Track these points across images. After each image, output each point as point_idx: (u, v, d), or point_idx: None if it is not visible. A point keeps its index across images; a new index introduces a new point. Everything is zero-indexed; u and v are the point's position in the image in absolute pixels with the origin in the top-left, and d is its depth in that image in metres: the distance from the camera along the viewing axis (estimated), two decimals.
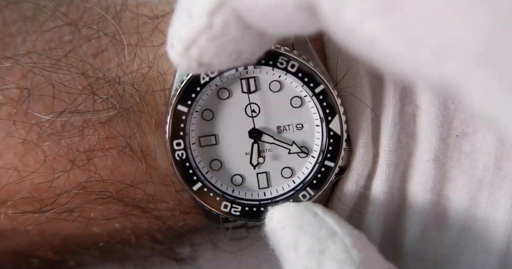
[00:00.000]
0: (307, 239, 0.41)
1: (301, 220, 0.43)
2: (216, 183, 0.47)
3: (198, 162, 0.47)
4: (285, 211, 0.44)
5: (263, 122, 0.47)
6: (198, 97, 0.45)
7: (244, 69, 0.45)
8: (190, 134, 0.46)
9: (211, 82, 0.45)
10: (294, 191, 0.48)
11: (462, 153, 0.46)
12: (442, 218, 0.48)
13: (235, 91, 0.46)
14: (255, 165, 0.48)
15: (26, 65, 0.44)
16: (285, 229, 0.42)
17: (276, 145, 0.47)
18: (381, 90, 0.47)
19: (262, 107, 0.47)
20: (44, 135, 0.44)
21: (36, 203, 0.45)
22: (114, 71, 0.46)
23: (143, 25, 0.47)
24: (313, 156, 0.48)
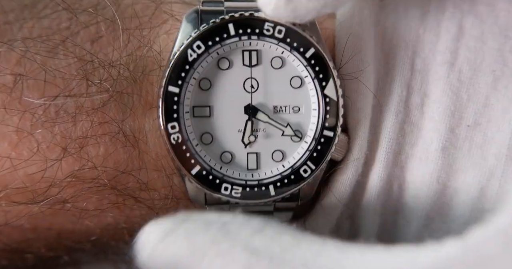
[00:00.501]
0: (202, 236, 0.38)
1: (184, 229, 0.39)
2: (205, 157, 0.45)
3: (189, 133, 0.45)
4: (161, 228, 0.39)
5: (260, 99, 0.46)
6: (197, 63, 0.44)
7: (248, 40, 0.44)
8: (185, 102, 0.44)
9: (211, 49, 0.44)
10: (281, 176, 0.46)
11: (473, 144, 0.46)
12: (448, 209, 0.47)
13: (236, 63, 0.45)
14: (247, 143, 0.46)
15: (20, 50, 0.44)
16: (172, 243, 0.38)
17: (270, 125, 0.46)
18: (387, 78, 0.46)
19: (261, 83, 0.46)
20: (37, 123, 0.43)
21: (29, 193, 0.44)
22: (110, 55, 0.45)
23: (145, 9, 0.47)
24: (306, 142, 0.46)
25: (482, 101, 0.45)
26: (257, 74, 0.45)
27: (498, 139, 0.45)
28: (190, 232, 0.38)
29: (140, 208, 0.46)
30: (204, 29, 0.44)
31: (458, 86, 0.45)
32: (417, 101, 0.46)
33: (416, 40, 0.46)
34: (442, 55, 0.45)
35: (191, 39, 0.44)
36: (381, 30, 0.46)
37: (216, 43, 0.44)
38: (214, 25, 0.44)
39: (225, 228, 0.38)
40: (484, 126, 0.46)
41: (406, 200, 0.48)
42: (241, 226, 0.39)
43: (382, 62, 0.47)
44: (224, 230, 0.38)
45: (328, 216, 0.48)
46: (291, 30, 0.44)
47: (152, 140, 0.45)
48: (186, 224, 0.39)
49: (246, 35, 0.44)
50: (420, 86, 0.46)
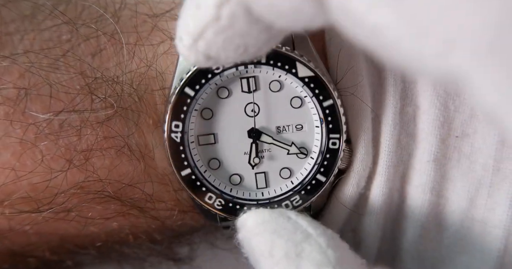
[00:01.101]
0: (283, 243, 0.40)
1: (276, 225, 0.43)
2: (214, 182, 0.47)
3: (197, 161, 0.47)
4: (258, 217, 0.43)
5: (262, 122, 0.47)
6: (198, 96, 0.45)
7: (245, 68, 0.45)
8: (189, 132, 0.46)
9: (211, 80, 0.45)
10: (292, 192, 0.47)
11: (461, 154, 0.46)
12: (441, 219, 0.48)
13: (235, 90, 0.46)
14: (254, 165, 0.47)
15: (24, 64, 0.44)
16: (259, 235, 0.42)
17: (275, 145, 0.47)
18: (382, 90, 0.47)
19: (261, 107, 0.46)
20: (41, 135, 0.44)
21: (33, 202, 0.45)
22: (112, 70, 0.45)
23: (142, 23, 0.47)
24: (312, 157, 0.47)
25: (468, 112, 0.45)
26: (257, 98, 0.46)
27: (485, 150, 0.46)
28: (276, 231, 0.42)
29: (145, 217, 0.48)
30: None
31: (445, 97, 0.45)
32: (410, 113, 0.47)
33: None
34: None
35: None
36: None
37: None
38: None
39: (303, 245, 0.41)
40: (472, 137, 0.46)
41: (403, 210, 0.49)
42: (315, 251, 0.40)
43: (376, 74, 0.47)
44: (301, 247, 0.40)
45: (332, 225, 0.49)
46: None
47: (159, 156, 0.46)
48: (279, 220, 0.43)
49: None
50: (411, 98, 0.46)
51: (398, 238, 0.50)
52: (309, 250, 0.40)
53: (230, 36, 0.34)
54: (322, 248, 0.40)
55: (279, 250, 0.40)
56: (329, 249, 0.40)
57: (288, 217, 0.43)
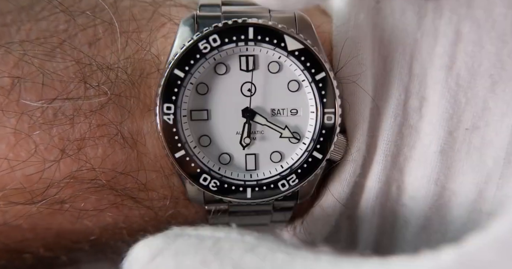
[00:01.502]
0: (192, 257, 0.38)
1: (175, 247, 0.39)
2: (203, 159, 0.47)
3: (187, 136, 0.46)
4: (151, 248, 0.39)
5: (257, 103, 0.46)
6: (193, 70, 0.45)
7: (245, 46, 0.45)
8: (182, 106, 0.45)
9: (208, 55, 0.45)
10: (280, 176, 0.47)
11: (471, 147, 0.46)
12: (446, 211, 0.48)
13: (233, 68, 0.46)
14: (245, 145, 0.47)
15: (18, 53, 0.44)
16: (159, 267, 0.38)
17: (268, 128, 0.47)
18: (385, 81, 0.47)
19: (258, 87, 0.46)
20: (35, 125, 0.44)
21: (27, 193, 0.45)
22: (108, 58, 0.45)
23: (142, 11, 0.47)
24: (304, 143, 0.47)
25: (480, 104, 0.45)
26: (254, 78, 0.46)
27: (497, 143, 0.46)
28: (180, 252, 0.38)
29: (139, 208, 0.47)
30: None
31: (456, 89, 0.45)
32: (416, 104, 0.46)
33: (414, 44, 0.46)
34: (440, 59, 0.45)
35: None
36: (379, 33, 0.46)
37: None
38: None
39: (217, 246, 0.39)
40: (483, 129, 0.46)
41: (404, 202, 0.48)
42: (234, 243, 0.39)
43: (380, 66, 0.47)
44: (216, 248, 0.38)
45: (327, 216, 0.49)
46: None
47: (150, 142, 0.46)
48: (178, 242, 0.39)
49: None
50: (418, 90, 0.46)
51: (399, 229, 0.50)
52: (227, 246, 0.38)
53: None
54: (238, 239, 0.39)
55: (190, 264, 0.37)
56: (246, 236, 0.40)
57: (187, 235, 0.40)
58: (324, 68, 0.45)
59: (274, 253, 0.38)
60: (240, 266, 0.37)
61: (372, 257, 0.37)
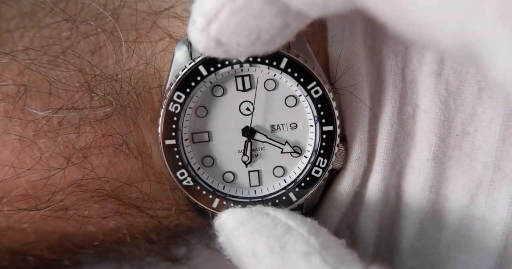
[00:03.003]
0: (265, 240, 0.41)
1: (255, 223, 0.42)
2: (207, 179, 0.47)
3: (190, 158, 0.47)
4: (236, 218, 0.43)
5: (257, 120, 0.47)
6: (192, 93, 0.45)
7: (240, 67, 0.45)
8: (183, 130, 0.46)
9: (206, 78, 0.45)
10: (285, 190, 0.48)
11: (462, 153, 0.47)
12: (440, 216, 0.48)
13: (230, 89, 0.46)
14: (247, 163, 0.48)
15: (23, 61, 0.44)
16: (240, 237, 0.42)
17: (269, 144, 0.47)
18: (381, 90, 0.47)
19: (256, 106, 0.47)
20: (40, 132, 0.44)
21: (32, 200, 0.45)
22: (111, 68, 0.46)
23: (142, 21, 0.47)
24: (306, 156, 0.48)
25: (469, 110, 0.46)
26: (251, 97, 0.46)
27: (485, 149, 0.46)
28: (257, 230, 0.42)
29: (142, 216, 0.48)
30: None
31: (446, 96, 0.46)
32: (409, 112, 0.47)
33: (405, 51, 0.46)
34: (429, 65, 0.46)
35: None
36: (370, 41, 0.47)
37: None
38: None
39: (285, 237, 0.41)
40: (472, 135, 0.46)
41: (401, 208, 0.49)
42: (299, 241, 0.41)
43: (375, 74, 0.47)
44: (284, 240, 0.41)
45: (327, 225, 0.49)
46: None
47: (156, 154, 0.47)
48: (257, 219, 0.43)
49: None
50: (411, 97, 0.47)
51: (396, 236, 0.50)
52: (292, 242, 0.41)
53: (244, 18, 0.35)
54: (304, 237, 0.41)
55: (262, 248, 0.40)
56: (312, 237, 0.41)
57: (266, 214, 0.43)
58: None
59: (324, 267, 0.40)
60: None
61: None
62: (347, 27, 0.47)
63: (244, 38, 0.36)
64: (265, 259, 0.40)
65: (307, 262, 0.40)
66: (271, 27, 0.36)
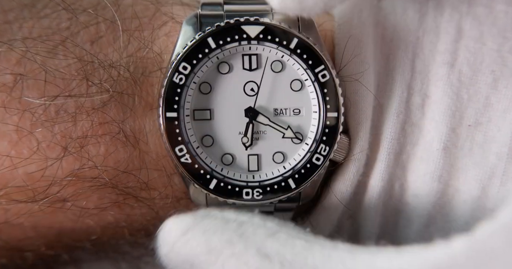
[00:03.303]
0: (219, 235, 0.40)
1: (203, 225, 0.41)
2: (206, 159, 0.46)
3: (190, 136, 0.46)
4: (182, 224, 0.41)
5: (260, 102, 0.46)
6: (198, 67, 0.45)
7: (248, 45, 0.45)
8: (185, 105, 0.45)
9: (213, 53, 0.44)
10: (282, 177, 0.47)
11: (474, 143, 0.46)
12: (449, 208, 0.48)
13: (236, 67, 0.46)
14: (248, 145, 0.46)
15: (20, 50, 0.44)
16: (190, 240, 0.40)
17: (270, 128, 0.47)
18: (388, 79, 0.47)
19: (261, 87, 0.46)
20: (37, 122, 0.44)
21: (29, 191, 0.45)
22: (110, 56, 0.45)
23: (144, 10, 0.47)
24: (307, 143, 0.47)
25: (482, 101, 0.46)
26: (257, 77, 0.46)
27: (499, 139, 0.46)
28: (208, 230, 0.40)
29: (140, 207, 0.47)
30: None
31: (458, 86, 0.46)
32: (418, 102, 0.47)
33: (416, 41, 0.46)
34: (442, 56, 0.46)
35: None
36: (381, 31, 0.47)
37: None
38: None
39: (241, 228, 0.40)
40: (485, 125, 0.46)
41: (407, 200, 0.48)
42: (257, 227, 0.40)
43: (382, 63, 0.47)
44: (240, 230, 0.40)
45: (329, 215, 0.49)
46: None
47: (152, 141, 0.46)
48: (205, 221, 0.41)
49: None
50: (420, 87, 0.46)
51: (402, 228, 0.49)
52: (250, 230, 0.40)
53: None
54: (260, 224, 0.41)
55: (218, 242, 0.39)
56: (267, 222, 0.41)
57: (213, 216, 0.42)
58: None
59: (294, 239, 0.39)
60: (262, 249, 0.39)
61: (387, 247, 0.38)
62: (356, 15, 0.47)
63: None
64: (223, 250, 0.39)
65: (274, 239, 0.39)
66: None
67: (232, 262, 0.39)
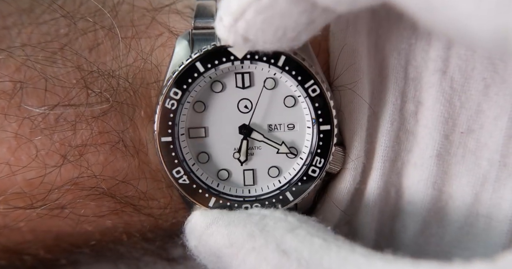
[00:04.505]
0: (241, 228, 0.42)
1: (228, 218, 0.44)
2: (202, 176, 0.47)
3: (186, 154, 0.46)
4: (207, 217, 0.44)
5: (254, 119, 0.47)
6: (191, 88, 0.45)
7: (240, 64, 0.45)
8: (180, 124, 0.46)
9: (205, 74, 0.45)
10: (279, 191, 0.47)
11: (467, 150, 0.47)
12: (444, 214, 0.48)
13: (229, 85, 0.46)
14: (243, 161, 0.47)
15: (20, 57, 0.44)
16: (214, 233, 0.42)
17: (265, 143, 0.47)
18: (382, 87, 0.47)
19: (254, 104, 0.47)
20: (36, 130, 0.44)
21: (28, 198, 0.45)
22: (109, 64, 0.45)
23: (141, 17, 0.47)
24: (302, 158, 0.47)
25: (474, 107, 0.46)
26: (250, 95, 0.46)
27: (491, 145, 0.46)
28: (231, 223, 0.43)
29: (139, 215, 0.48)
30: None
31: (450, 93, 0.46)
32: (412, 109, 0.47)
33: (408, 48, 0.46)
34: (434, 63, 0.46)
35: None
36: (374, 38, 0.47)
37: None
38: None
39: (263, 222, 0.42)
40: (477, 132, 0.46)
41: (402, 206, 0.49)
42: (278, 221, 0.43)
43: (376, 71, 0.47)
44: (262, 224, 0.42)
45: (326, 222, 0.49)
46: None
47: (152, 151, 0.46)
48: (229, 214, 0.44)
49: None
50: (413, 94, 0.47)
51: (397, 233, 0.50)
52: (271, 223, 0.42)
53: (270, 17, 0.36)
54: (282, 218, 0.43)
55: (240, 235, 0.41)
56: (289, 216, 0.43)
57: (238, 211, 0.45)
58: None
59: (312, 237, 0.41)
60: (281, 245, 0.40)
61: (404, 257, 0.39)
62: (351, 23, 0.47)
63: (270, 35, 0.37)
64: (245, 244, 0.40)
65: (294, 235, 0.41)
66: (297, 24, 0.37)
67: (252, 256, 0.40)
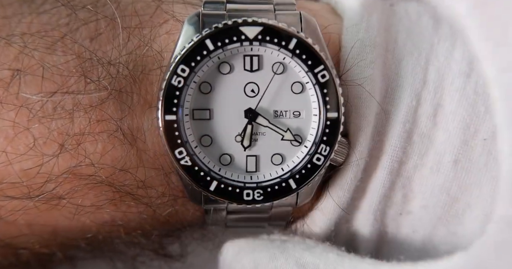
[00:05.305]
0: (264, 253, 0.45)
1: (253, 244, 0.47)
2: (204, 159, 0.46)
3: (189, 135, 0.46)
4: (235, 246, 0.48)
5: (260, 104, 0.46)
6: (198, 68, 0.44)
7: (249, 45, 0.44)
8: (185, 104, 0.45)
9: (213, 53, 0.44)
10: (280, 179, 0.46)
11: (490, 158, 0.45)
12: (458, 222, 0.47)
13: (237, 67, 0.46)
14: (246, 146, 0.46)
15: (18, 45, 0.44)
16: (242, 259, 0.46)
17: (270, 129, 0.46)
18: (397, 86, 0.46)
19: (261, 88, 0.46)
20: (34, 118, 0.44)
21: (25, 188, 0.45)
22: (109, 53, 0.45)
23: (146, 7, 0.47)
24: (306, 146, 0.46)
25: None
26: (258, 79, 0.46)
27: None
28: (255, 249, 0.46)
29: (137, 205, 0.47)
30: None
31: (474, 98, 0.45)
32: (429, 111, 0.46)
33: (430, 48, 0.45)
34: (458, 65, 0.44)
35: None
36: (394, 35, 0.46)
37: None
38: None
39: (283, 245, 0.46)
40: None
41: (412, 210, 0.48)
42: (296, 244, 0.46)
43: (393, 69, 0.46)
44: (283, 247, 0.46)
45: (327, 220, 0.48)
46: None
47: (150, 139, 0.46)
48: (255, 242, 0.48)
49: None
50: (433, 96, 0.45)
51: (405, 238, 0.49)
52: (291, 246, 0.44)
53: None
54: (300, 241, 0.46)
55: (263, 258, 0.45)
56: (306, 239, 0.47)
57: (261, 237, 0.49)
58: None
59: (327, 253, 0.45)
60: (299, 260, 0.45)
61: (405, 263, 0.43)
62: (365, 19, 0.46)
63: None
64: (268, 265, 0.45)
65: (310, 252, 0.44)
66: None
67: None
